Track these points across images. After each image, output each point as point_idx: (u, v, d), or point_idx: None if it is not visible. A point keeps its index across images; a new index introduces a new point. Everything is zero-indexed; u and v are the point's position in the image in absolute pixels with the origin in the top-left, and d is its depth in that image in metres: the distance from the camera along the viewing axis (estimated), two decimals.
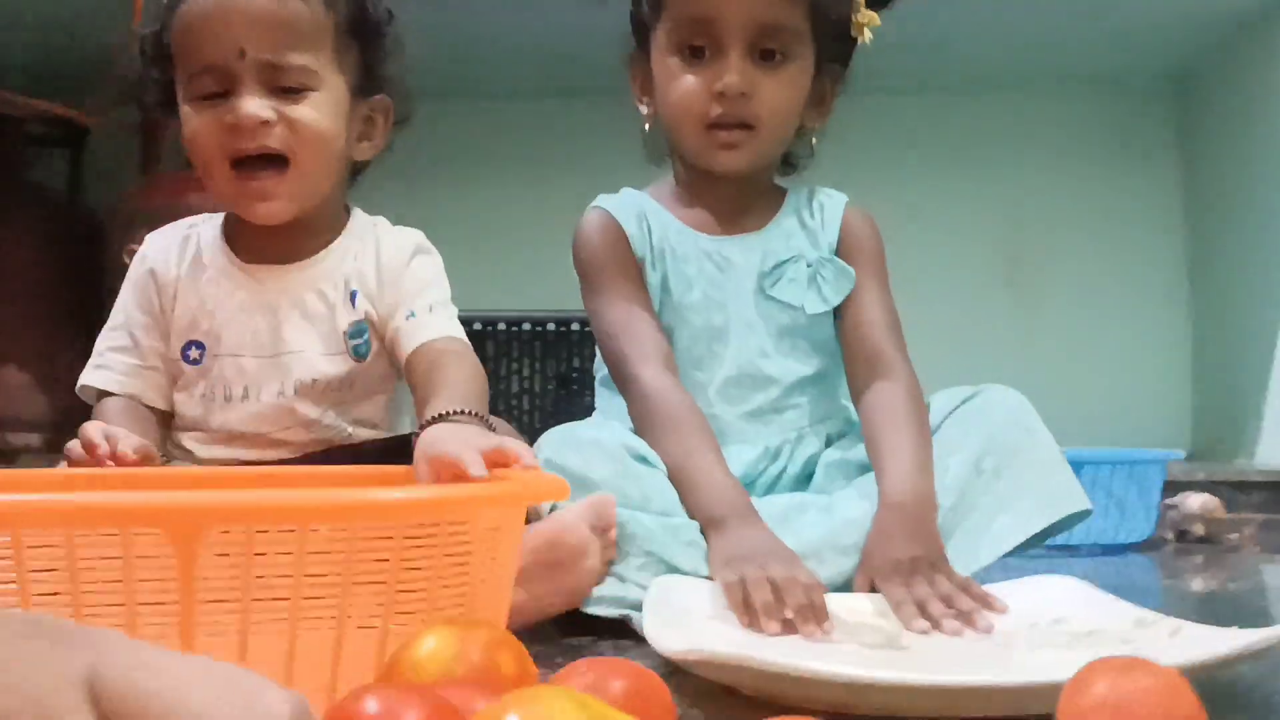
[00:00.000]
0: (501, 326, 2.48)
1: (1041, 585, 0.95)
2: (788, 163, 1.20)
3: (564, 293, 2.71)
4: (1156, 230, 3.02)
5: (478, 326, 2.43)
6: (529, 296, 2.65)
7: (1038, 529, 1.03)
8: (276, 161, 1.00)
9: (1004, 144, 3.04)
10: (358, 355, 1.05)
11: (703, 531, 0.97)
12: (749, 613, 0.87)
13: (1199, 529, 1.66)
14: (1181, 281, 3.01)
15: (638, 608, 0.89)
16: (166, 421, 1.08)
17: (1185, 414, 2.99)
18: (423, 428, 0.88)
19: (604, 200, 1.17)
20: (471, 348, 1.04)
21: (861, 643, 0.83)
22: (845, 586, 0.97)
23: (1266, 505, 2.23)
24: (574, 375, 2.48)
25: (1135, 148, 3.04)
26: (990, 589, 0.94)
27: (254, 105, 0.97)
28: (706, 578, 0.95)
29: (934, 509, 1.00)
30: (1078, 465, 1.51)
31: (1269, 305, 2.55)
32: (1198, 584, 1.47)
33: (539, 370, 2.49)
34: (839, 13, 1.12)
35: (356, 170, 1.11)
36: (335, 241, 1.07)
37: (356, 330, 1.05)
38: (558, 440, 1.00)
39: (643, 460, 0.99)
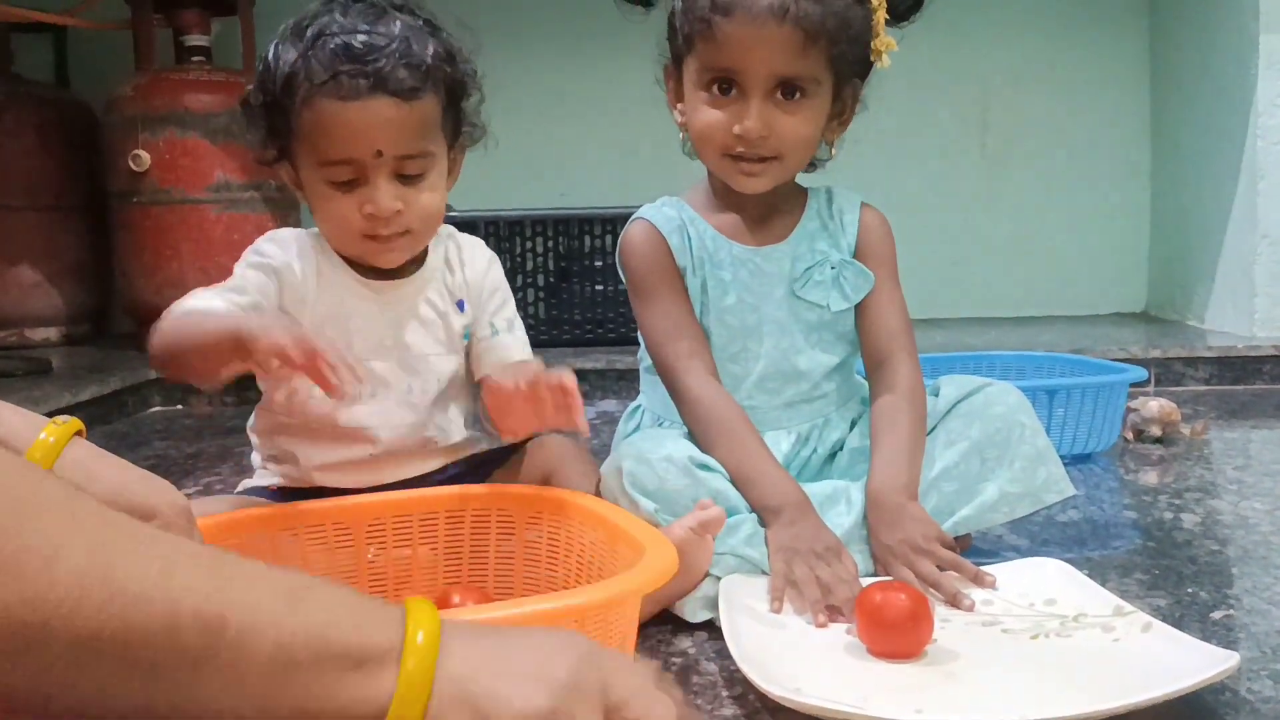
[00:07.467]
0: (505, 222, 2.57)
1: (1033, 568, 1.13)
2: (809, 164, 1.27)
3: (562, 190, 2.80)
4: (1123, 95, 3.08)
5: (482, 226, 2.53)
6: (530, 194, 2.74)
7: (1027, 512, 1.20)
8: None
9: (976, 8, 3.06)
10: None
11: (762, 522, 1.11)
12: (793, 601, 1.05)
13: (1155, 430, 1.85)
14: (1144, 145, 3.08)
15: (714, 602, 1.04)
16: None
17: (1142, 274, 3.13)
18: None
19: (648, 212, 1.26)
20: None
21: None
22: (870, 571, 1.14)
23: (1212, 378, 2.45)
24: (571, 268, 2.61)
25: (1104, 13, 3.08)
26: (989, 569, 1.11)
27: (389, 199, 1.07)
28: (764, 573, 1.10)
29: (915, 496, 1.15)
30: (1053, 390, 1.70)
31: (1226, 172, 2.63)
32: (1152, 479, 1.69)
33: (540, 263, 2.60)
34: (857, 53, 1.19)
35: None
36: (429, 256, 1.19)
37: (466, 333, 1.20)
38: (634, 459, 1.10)
39: (705, 467, 1.12)
